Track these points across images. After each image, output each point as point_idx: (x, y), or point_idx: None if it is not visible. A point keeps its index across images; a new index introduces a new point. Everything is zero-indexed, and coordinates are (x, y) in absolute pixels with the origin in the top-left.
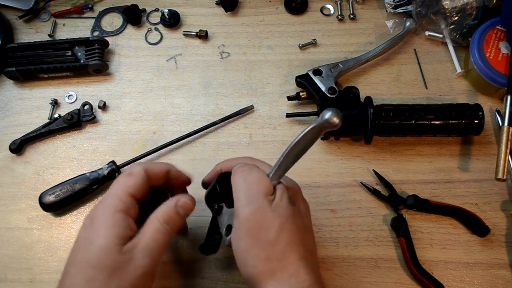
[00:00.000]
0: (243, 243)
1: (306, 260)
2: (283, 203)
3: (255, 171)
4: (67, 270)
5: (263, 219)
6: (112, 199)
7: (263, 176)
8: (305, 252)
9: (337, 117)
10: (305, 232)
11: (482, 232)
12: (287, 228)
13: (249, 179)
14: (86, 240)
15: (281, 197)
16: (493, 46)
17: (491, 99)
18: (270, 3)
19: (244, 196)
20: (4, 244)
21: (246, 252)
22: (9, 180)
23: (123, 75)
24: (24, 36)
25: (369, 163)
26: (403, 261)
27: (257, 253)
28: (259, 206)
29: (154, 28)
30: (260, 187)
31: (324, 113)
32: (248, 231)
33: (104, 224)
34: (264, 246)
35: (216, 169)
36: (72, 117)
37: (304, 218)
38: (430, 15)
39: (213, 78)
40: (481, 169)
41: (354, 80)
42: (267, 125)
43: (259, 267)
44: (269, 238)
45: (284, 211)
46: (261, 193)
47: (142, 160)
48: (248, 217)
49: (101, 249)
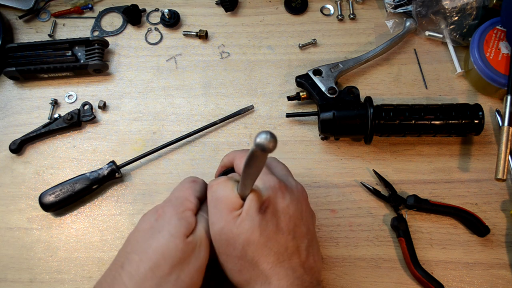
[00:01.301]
0: (219, 258)
1: (280, 265)
2: (250, 215)
3: (221, 187)
4: (130, 258)
5: (228, 237)
6: (181, 200)
7: (229, 192)
8: (278, 258)
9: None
10: (278, 236)
11: (482, 232)
12: (253, 240)
13: (216, 195)
14: (154, 230)
15: (247, 210)
16: (493, 46)
17: (491, 99)
18: (270, 3)
19: (213, 214)
20: (4, 244)
21: (223, 266)
22: (9, 180)
23: (123, 75)
24: (24, 36)
25: (369, 163)
26: (403, 261)
27: (231, 267)
28: (224, 224)
29: (154, 28)
30: (225, 204)
31: (256, 137)
32: (219, 249)
33: (173, 217)
34: (235, 260)
35: (222, 165)
36: (72, 117)
37: (280, 221)
38: (430, 15)
39: (213, 78)
40: (481, 169)
41: (354, 80)
42: (267, 125)
43: (235, 278)
44: (236, 253)
45: (249, 224)
46: (226, 210)
47: (142, 160)
48: (216, 236)
49: (170, 237)
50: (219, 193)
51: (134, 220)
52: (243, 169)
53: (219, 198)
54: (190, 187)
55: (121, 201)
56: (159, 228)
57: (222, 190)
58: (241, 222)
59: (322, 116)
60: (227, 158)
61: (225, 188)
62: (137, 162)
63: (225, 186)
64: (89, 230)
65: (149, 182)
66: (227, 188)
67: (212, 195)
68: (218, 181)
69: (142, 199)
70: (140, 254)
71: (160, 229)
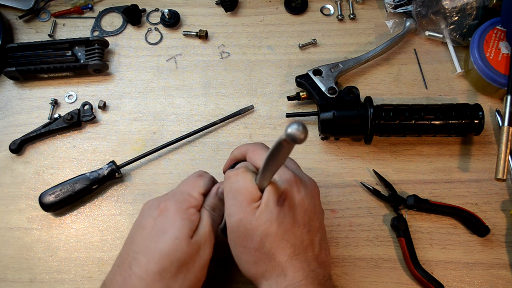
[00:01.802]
0: (234, 250)
1: (296, 258)
2: (269, 208)
3: (241, 178)
4: (137, 259)
5: (247, 229)
6: (185, 196)
7: (249, 183)
8: (294, 250)
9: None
10: (295, 229)
11: (482, 232)
12: (271, 232)
13: (235, 187)
14: (159, 231)
15: (266, 202)
16: (493, 46)
17: (491, 99)
18: (270, 3)
19: (231, 206)
20: (4, 244)
21: (238, 257)
22: (9, 180)
23: (123, 75)
24: (24, 36)
25: (369, 163)
26: (403, 261)
27: (246, 259)
28: (243, 216)
29: (154, 28)
30: (244, 195)
31: (287, 128)
32: (236, 240)
33: (177, 216)
34: (252, 252)
35: (231, 158)
36: (72, 117)
37: (296, 214)
38: (430, 15)
39: (213, 78)
40: (481, 169)
41: (354, 80)
42: (267, 125)
43: (251, 270)
44: (254, 245)
45: (268, 216)
46: (245, 202)
47: (142, 160)
48: (233, 228)
49: (175, 239)
50: (238, 184)
51: (134, 220)
52: (265, 160)
53: (238, 189)
54: (195, 181)
55: (121, 201)
56: (164, 228)
57: (242, 181)
58: (260, 214)
59: (322, 116)
60: (238, 151)
61: (245, 179)
62: (137, 162)
63: (244, 177)
64: (89, 230)
65: (149, 182)
66: (246, 179)
67: (230, 186)
68: (237, 172)
69: (142, 199)
70: (147, 256)
71: (164, 230)
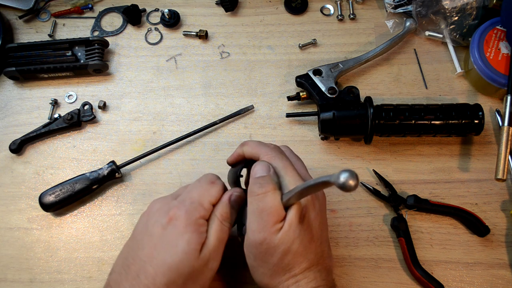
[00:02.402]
0: (251, 260)
1: (310, 270)
2: (292, 228)
3: (269, 199)
4: (145, 269)
5: (269, 247)
6: (195, 205)
7: (277, 204)
8: (310, 264)
9: (354, 180)
10: (311, 245)
11: (482, 232)
12: (292, 250)
13: (262, 206)
14: (168, 242)
15: (290, 223)
16: (493, 46)
17: (491, 99)
18: (270, 3)
19: (256, 223)
20: (4, 244)
21: (253, 268)
22: (9, 180)
23: (123, 75)
24: (24, 36)
25: (369, 163)
26: (403, 261)
27: (263, 272)
28: (268, 235)
29: (154, 28)
30: (272, 216)
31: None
32: (256, 255)
33: (187, 228)
34: (270, 266)
35: (239, 152)
36: (72, 117)
37: (313, 229)
38: (430, 15)
39: (213, 78)
40: (481, 169)
41: (354, 80)
42: (267, 125)
43: (264, 280)
44: (274, 261)
45: (291, 236)
46: (272, 223)
47: (142, 160)
48: (256, 244)
49: (183, 254)
50: (266, 204)
51: (134, 220)
52: (302, 189)
53: (265, 209)
54: (207, 190)
55: (121, 201)
56: (172, 241)
57: (270, 202)
58: (284, 234)
59: (322, 116)
60: (249, 149)
61: (274, 200)
62: (137, 162)
63: (273, 197)
64: (89, 230)
65: (149, 182)
66: (275, 200)
67: (258, 204)
68: (266, 190)
69: (142, 199)
70: (155, 267)
71: (173, 243)
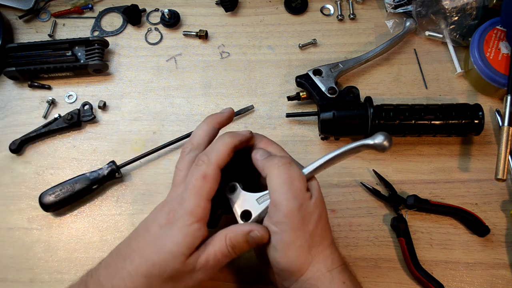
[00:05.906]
0: (287, 236)
1: (334, 244)
2: (320, 195)
3: (294, 167)
4: (132, 257)
5: (306, 213)
6: (192, 206)
7: (301, 173)
8: (332, 237)
9: (388, 142)
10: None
11: (482, 232)
12: (322, 218)
13: (291, 174)
14: (159, 240)
15: (318, 190)
16: (493, 46)
17: (491, 99)
18: (270, 3)
19: (289, 192)
20: (4, 244)
21: (290, 244)
22: (9, 180)
23: (123, 75)
24: (24, 36)
25: (369, 163)
26: (403, 261)
27: (301, 244)
28: (302, 201)
29: (154, 28)
30: (303, 183)
31: (376, 136)
32: (293, 225)
33: (180, 231)
34: (307, 236)
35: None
36: (72, 117)
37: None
38: (430, 15)
39: (213, 78)
40: (481, 169)
41: (354, 80)
42: (267, 125)
43: (302, 256)
44: (310, 229)
45: (319, 203)
46: (304, 189)
47: (142, 160)
48: (293, 212)
49: (169, 254)
50: (295, 172)
51: (134, 220)
52: (330, 157)
53: (295, 176)
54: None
55: (121, 201)
56: (164, 241)
57: (297, 170)
58: (316, 199)
59: (322, 116)
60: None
61: (298, 170)
62: (137, 162)
63: (296, 167)
64: (89, 230)
65: (149, 182)
66: (299, 170)
67: (287, 173)
68: (288, 161)
69: (142, 199)
70: (141, 259)
71: (164, 242)
